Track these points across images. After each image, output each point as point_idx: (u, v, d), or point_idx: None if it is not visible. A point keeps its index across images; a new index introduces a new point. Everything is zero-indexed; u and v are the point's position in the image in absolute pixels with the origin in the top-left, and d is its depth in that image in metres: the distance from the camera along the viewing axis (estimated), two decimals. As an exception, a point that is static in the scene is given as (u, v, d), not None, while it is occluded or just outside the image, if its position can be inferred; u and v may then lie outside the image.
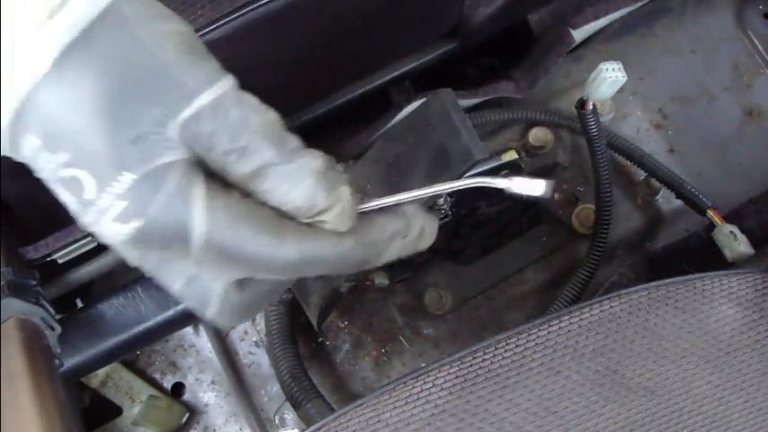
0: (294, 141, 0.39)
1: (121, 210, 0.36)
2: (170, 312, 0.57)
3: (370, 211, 0.43)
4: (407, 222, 0.44)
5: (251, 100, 0.39)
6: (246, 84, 0.43)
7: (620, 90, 0.72)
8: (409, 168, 0.58)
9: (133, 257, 0.39)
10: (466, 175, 0.58)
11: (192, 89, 0.37)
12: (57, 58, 0.35)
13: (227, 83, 0.38)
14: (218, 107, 0.37)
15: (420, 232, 0.45)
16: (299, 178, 0.39)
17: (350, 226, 0.41)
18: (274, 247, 0.39)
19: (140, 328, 0.57)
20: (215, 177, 0.39)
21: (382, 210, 0.44)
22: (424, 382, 0.55)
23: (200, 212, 0.37)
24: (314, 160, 0.39)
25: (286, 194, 0.39)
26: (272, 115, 0.39)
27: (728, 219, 0.79)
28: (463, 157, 0.56)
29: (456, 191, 0.47)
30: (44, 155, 0.37)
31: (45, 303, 0.52)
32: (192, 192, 0.37)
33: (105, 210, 0.37)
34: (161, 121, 0.37)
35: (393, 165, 0.60)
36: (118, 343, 0.57)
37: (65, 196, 0.38)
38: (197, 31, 0.61)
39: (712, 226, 0.78)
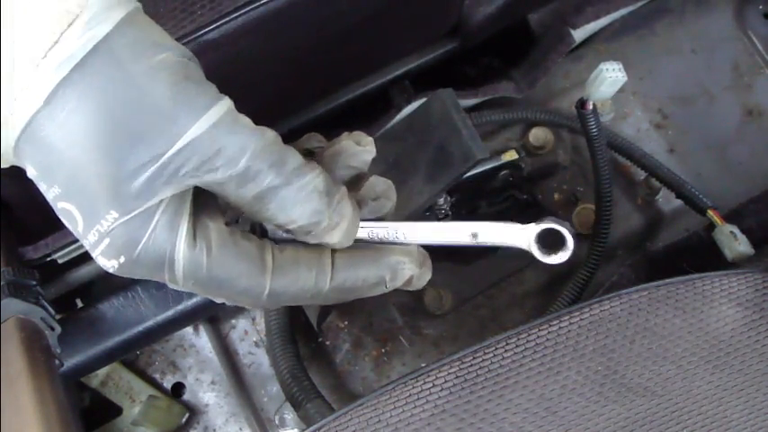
0: (294, 160, 0.40)
1: (105, 247, 0.38)
2: (170, 312, 0.57)
3: (359, 249, 0.44)
4: (393, 274, 0.44)
5: (247, 122, 0.39)
6: (246, 83, 0.42)
7: (620, 90, 0.72)
8: (410, 168, 0.58)
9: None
10: (465, 175, 0.58)
11: (183, 123, 0.37)
12: (48, 95, 0.36)
13: (222, 108, 0.38)
14: (214, 135, 0.37)
15: (407, 281, 0.45)
16: (302, 199, 0.39)
17: (352, 242, 0.42)
18: (253, 283, 0.40)
19: (140, 328, 0.57)
20: (206, 200, 0.40)
21: (375, 253, 0.44)
22: (424, 382, 0.55)
23: (182, 252, 0.38)
24: (315, 178, 0.40)
25: (290, 216, 0.40)
26: (269, 135, 0.39)
27: (728, 219, 0.79)
28: (464, 157, 0.56)
29: (456, 189, 0.47)
30: (41, 184, 0.38)
31: (45, 303, 0.52)
32: (178, 231, 0.38)
33: (94, 245, 0.38)
34: (151, 160, 0.37)
35: (393, 165, 0.59)
36: (118, 343, 0.57)
37: (65, 222, 0.39)
38: (197, 30, 0.61)
39: (712, 226, 0.78)
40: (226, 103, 0.38)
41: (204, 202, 0.39)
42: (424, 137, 0.57)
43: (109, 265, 0.38)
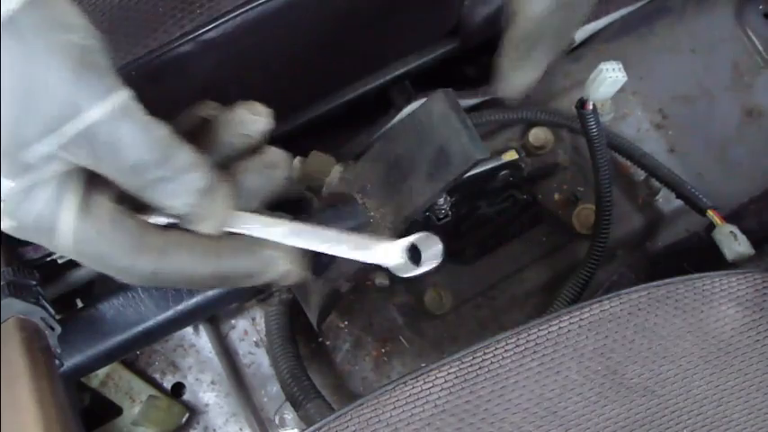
0: (183, 157, 0.42)
1: (2, 209, 0.40)
2: (170, 312, 0.57)
3: (238, 240, 0.46)
4: (265, 267, 0.47)
5: (141, 116, 0.40)
6: (245, 83, 0.42)
7: (620, 90, 0.72)
8: (410, 169, 0.58)
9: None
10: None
11: (79, 106, 0.38)
12: None
13: (119, 98, 0.39)
14: (106, 123, 0.39)
15: (279, 276, 0.48)
16: (182, 194, 0.42)
17: (221, 235, 0.45)
18: (132, 261, 0.43)
19: (140, 328, 0.57)
20: (98, 176, 0.41)
21: (249, 245, 0.47)
22: (424, 382, 0.55)
23: (67, 225, 0.41)
24: (198, 180, 0.42)
25: (170, 205, 0.43)
26: (161, 132, 0.41)
27: (728, 219, 0.79)
28: (464, 157, 0.56)
29: (456, 189, 0.47)
30: None
31: (45, 303, 0.52)
32: (63, 204, 0.40)
33: None
34: (43, 136, 0.38)
35: (393, 165, 0.59)
36: (118, 343, 0.57)
37: None
38: (196, 29, 0.61)
39: (712, 226, 0.78)
40: (124, 94, 0.39)
41: (96, 178, 0.42)
42: (423, 137, 0.57)
43: (7, 226, 0.41)
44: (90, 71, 0.38)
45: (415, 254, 0.49)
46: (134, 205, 0.44)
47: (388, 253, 0.49)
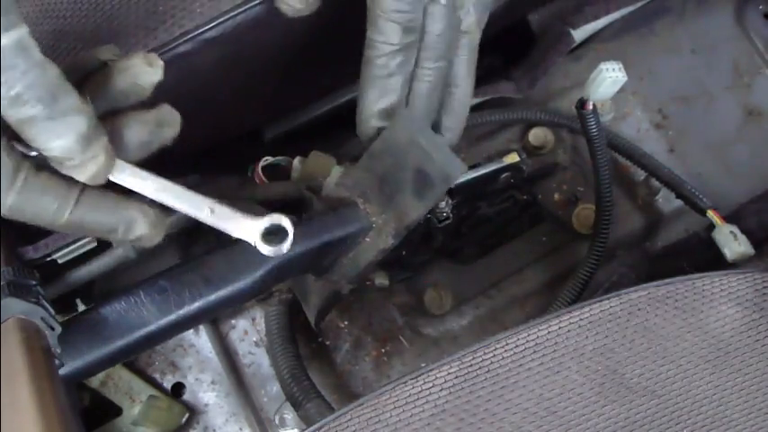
0: (67, 100, 0.43)
1: None
2: (172, 317, 0.57)
3: (105, 194, 0.48)
4: (127, 227, 0.48)
5: (36, 54, 0.42)
6: (245, 82, 0.42)
7: (620, 90, 0.72)
8: (396, 187, 0.59)
9: None
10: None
11: None
12: None
13: (16, 34, 0.40)
14: (4, 54, 0.40)
15: (136, 237, 0.49)
16: (60, 134, 0.43)
17: (98, 184, 0.47)
18: None
19: (142, 332, 0.57)
20: None
21: (115, 202, 0.48)
22: (424, 382, 0.55)
23: None
24: (80, 123, 0.44)
25: (46, 145, 0.43)
26: (52, 71, 0.42)
27: (728, 219, 0.79)
28: (443, 178, 0.57)
29: (457, 191, 0.47)
30: None
31: (45, 303, 0.52)
32: None
33: None
34: None
35: (383, 179, 0.60)
36: (120, 347, 0.56)
37: None
38: (196, 28, 0.62)
39: (712, 226, 0.78)
40: (21, 30, 0.41)
41: None
42: (399, 160, 0.58)
43: None
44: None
45: (278, 236, 0.52)
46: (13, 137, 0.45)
47: (245, 230, 0.51)
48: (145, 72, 0.48)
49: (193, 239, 0.84)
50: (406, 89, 0.58)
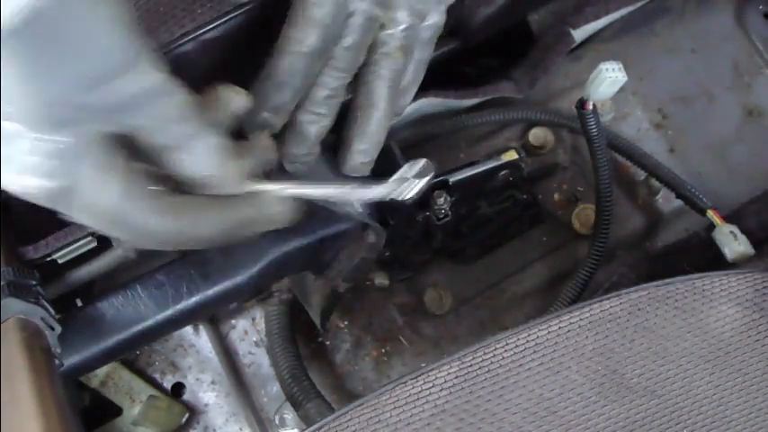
0: (206, 119, 0.44)
1: (19, 166, 0.40)
2: (170, 311, 0.57)
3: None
4: (263, 211, 0.49)
5: (173, 79, 0.42)
6: (246, 82, 0.42)
7: (620, 90, 0.72)
8: None
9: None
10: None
11: (122, 66, 0.38)
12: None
13: (162, 73, 0.40)
14: (143, 88, 0.40)
15: (275, 216, 0.50)
16: (208, 153, 0.44)
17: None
18: (157, 224, 0.43)
19: (140, 327, 0.57)
20: (119, 142, 0.42)
21: (247, 195, 0.48)
22: (424, 382, 0.55)
23: (83, 185, 0.40)
24: (221, 138, 0.44)
25: (195, 167, 0.44)
26: (188, 95, 0.43)
27: (728, 219, 0.79)
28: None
29: (456, 189, 0.47)
30: None
31: (45, 303, 0.52)
32: (84, 165, 0.40)
33: (8, 161, 0.40)
34: (79, 89, 0.38)
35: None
36: (118, 342, 0.57)
37: None
38: (197, 29, 0.62)
39: (712, 226, 0.78)
40: (165, 71, 0.41)
41: (115, 140, 0.42)
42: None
43: (28, 184, 0.40)
44: (132, 31, 0.39)
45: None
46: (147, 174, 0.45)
47: (386, 185, 0.50)
48: (235, 100, 0.49)
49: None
50: (302, 93, 0.56)
